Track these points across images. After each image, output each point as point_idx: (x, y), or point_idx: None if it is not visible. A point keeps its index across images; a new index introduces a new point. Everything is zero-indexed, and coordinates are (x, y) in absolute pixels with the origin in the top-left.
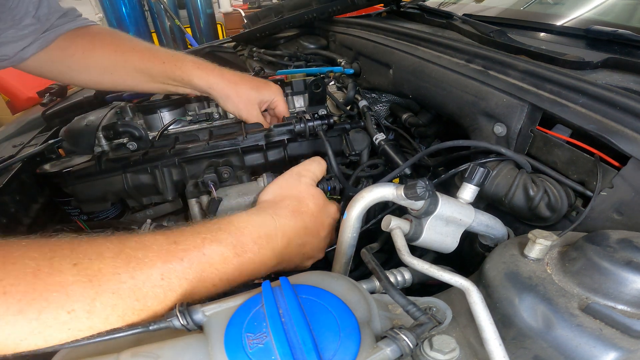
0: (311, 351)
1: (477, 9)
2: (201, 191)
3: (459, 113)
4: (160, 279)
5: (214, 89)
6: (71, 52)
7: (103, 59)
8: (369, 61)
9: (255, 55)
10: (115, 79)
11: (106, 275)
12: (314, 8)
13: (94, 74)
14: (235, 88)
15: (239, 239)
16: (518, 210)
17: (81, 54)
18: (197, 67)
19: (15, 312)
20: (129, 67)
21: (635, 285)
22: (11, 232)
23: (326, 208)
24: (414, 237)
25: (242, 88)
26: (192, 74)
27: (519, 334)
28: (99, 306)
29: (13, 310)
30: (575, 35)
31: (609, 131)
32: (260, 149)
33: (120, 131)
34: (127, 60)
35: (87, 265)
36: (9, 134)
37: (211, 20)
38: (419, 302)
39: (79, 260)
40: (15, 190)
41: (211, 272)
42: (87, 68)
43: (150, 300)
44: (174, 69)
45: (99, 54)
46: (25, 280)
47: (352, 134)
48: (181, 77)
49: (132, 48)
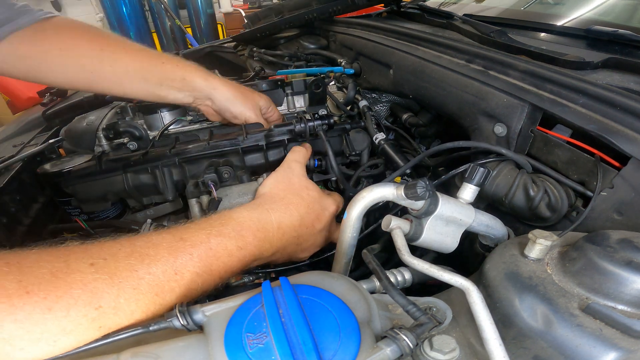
0: (311, 351)
1: (478, 9)
2: (201, 191)
3: (459, 113)
4: (174, 274)
5: (218, 91)
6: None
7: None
8: (369, 61)
9: (255, 55)
10: (95, 78)
11: (124, 272)
12: (315, 8)
13: (70, 73)
14: (240, 90)
15: (240, 233)
16: (518, 211)
17: (57, 50)
18: (199, 69)
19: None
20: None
21: (636, 286)
22: (11, 232)
23: (321, 200)
24: (414, 237)
25: (245, 91)
26: (195, 74)
27: (519, 334)
28: (123, 302)
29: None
30: (575, 36)
31: (609, 131)
32: (261, 149)
33: (121, 131)
34: (117, 60)
35: (103, 264)
36: (9, 134)
37: (211, 20)
38: (419, 302)
39: (95, 260)
40: (16, 190)
41: (218, 265)
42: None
43: (167, 294)
44: (175, 69)
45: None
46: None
47: (352, 134)
48: (183, 77)
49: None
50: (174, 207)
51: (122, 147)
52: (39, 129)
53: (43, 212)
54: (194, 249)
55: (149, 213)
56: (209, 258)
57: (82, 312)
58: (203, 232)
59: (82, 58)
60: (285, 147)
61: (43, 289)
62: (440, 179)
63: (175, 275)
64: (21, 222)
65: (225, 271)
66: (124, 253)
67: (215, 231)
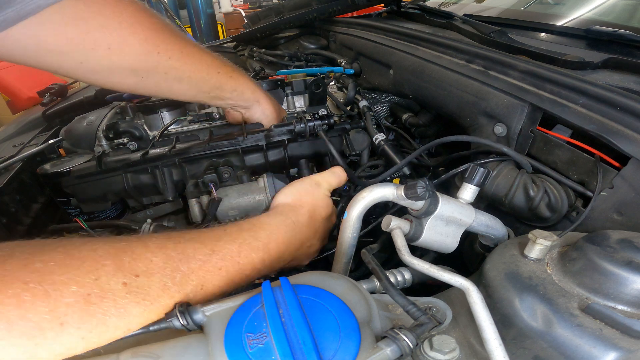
0: (311, 351)
1: (478, 9)
2: (201, 191)
3: (459, 113)
4: (200, 289)
5: (260, 104)
6: (87, 45)
7: (136, 58)
8: (369, 61)
9: (255, 55)
10: (143, 83)
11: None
12: (315, 8)
13: (116, 76)
14: (277, 107)
15: (267, 246)
16: (518, 211)
17: (105, 50)
18: (248, 81)
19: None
20: (172, 74)
21: (636, 286)
22: (11, 232)
23: (331, 217)
24: (414, 237)
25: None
26: (245, 87)
27: (519, 334)
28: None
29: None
30: (575, 36)
31: (609, 131)
32: (261, 149)
33: (121, 131)
34: (172, 67)
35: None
36: (9, 134)
37: (212, 20)
38: (419, 302)
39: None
40: (16, 190)
41: (241, 278)
42: (109, 67)
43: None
44: (229, 80)
45: (133, 50)
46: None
47: (353, 134)
48: (234, 88)
49: (181, 50)
50: (174, 207)
51: (122, 147)
52: (39, 129)
53: (43, 212)
54: (223, 263)
55: (149, 213)
56: (235, 272)
57: (113, 335)
58: (234, 245)
59: (133, 60)
60: (285, 147)
61: (77, 319)
62: (440, 179)
63: (201, 290)
64: (21, 222)
65: (244, 281)
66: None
67: (246, 245)
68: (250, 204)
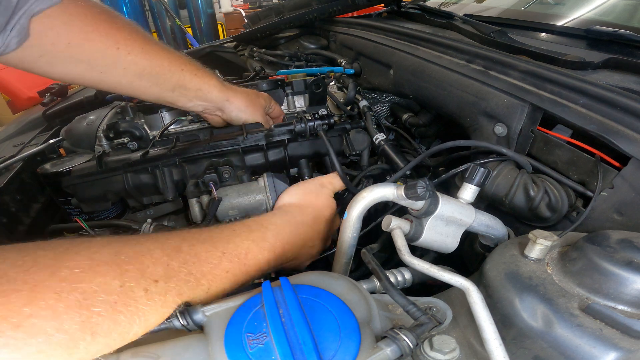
0: (311, 351)
1: (478, 9)
2: (202, 191)
3: (459, 113)
4: (206, 292)
5: (231, 102)
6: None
7: (96, 53)
8: (369, 61)
9: (255, 55)
10: (104, 78)
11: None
12: (315, 8)
13: (78, 70)
14: (249, 98)
15: (274, 245)
16: (518, 211)
17: (65, 45)
18: (215, 80)
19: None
20: (132, 69)
21: (636, 286)
22: (11, 231)
23: (334, 219)
24: (415, 237)
25: (252, 97)
26: (211, 86)
27: (519, 334)
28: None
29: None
30: (575, 36)
31: (610, 131)
32: (261, 149)
33: (121, 131)
34: (132, 62)
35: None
36: (10, 134)
37: (212, 20)
38: (419, 302)
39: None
40: (16, 190)
41: (245, 279)
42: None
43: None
44: (193, 78)
45: (93, 46)
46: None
47: (353, 134)
48: (199, 87)
49: (142, 46)
50: (174, 206)
51: (122, 147)
52: (39, 129)
53: (43, 212)
54: (231, 265)
55: (149, 213)
56: (242, 274)
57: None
58: (243, 247)
59: (93, 55)
60: (285, 147)
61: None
62: (440, 179)
63: (207, 293)
64: (21, 221)
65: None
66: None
67: (254, 247)
68: (251, 204)
